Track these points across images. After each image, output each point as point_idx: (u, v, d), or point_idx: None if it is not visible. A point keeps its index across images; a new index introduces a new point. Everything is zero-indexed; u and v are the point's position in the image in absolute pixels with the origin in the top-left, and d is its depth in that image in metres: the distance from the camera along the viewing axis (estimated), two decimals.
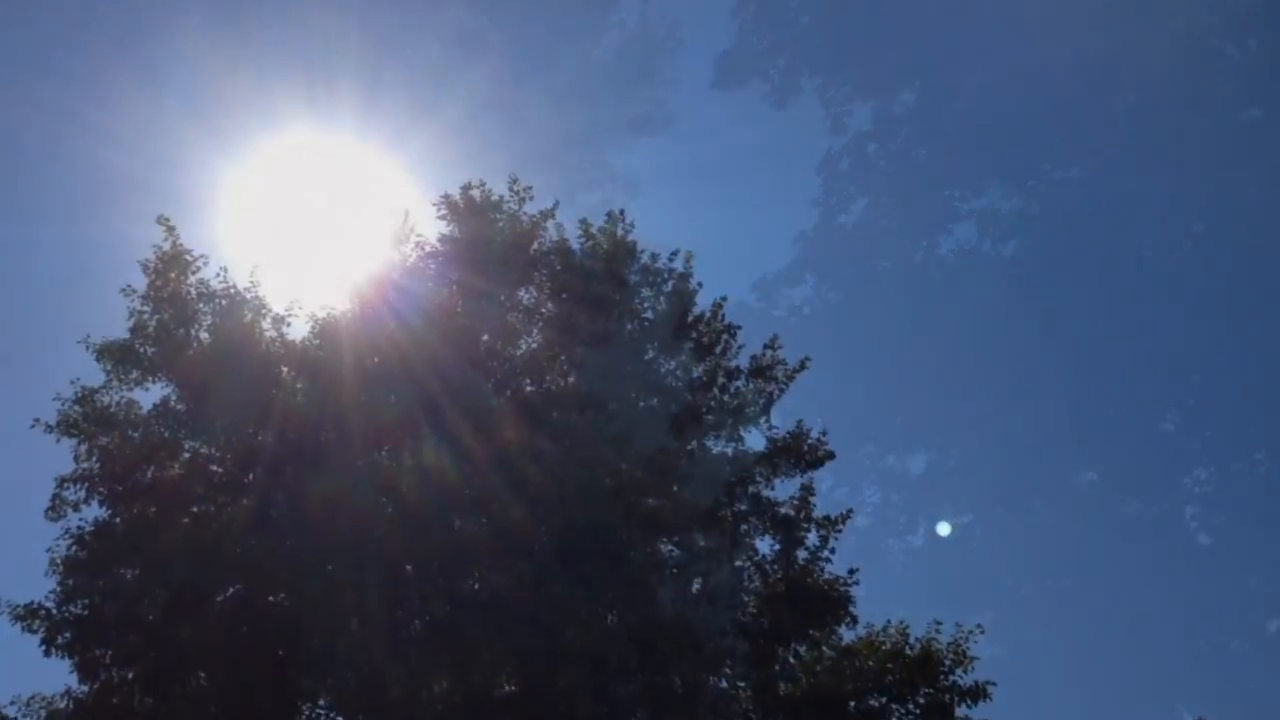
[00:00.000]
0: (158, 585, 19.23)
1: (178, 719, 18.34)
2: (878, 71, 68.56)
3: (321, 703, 19.61)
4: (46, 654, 18.85)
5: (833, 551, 21.73)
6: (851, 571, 21.43)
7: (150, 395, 21.36)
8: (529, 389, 22.18)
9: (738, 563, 21.43)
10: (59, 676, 20.42)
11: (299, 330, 21.93)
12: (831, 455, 22.53)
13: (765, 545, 22.15)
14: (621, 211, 23.74)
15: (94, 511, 20.27)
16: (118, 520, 20.09)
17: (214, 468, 20.78)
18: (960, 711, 21.43)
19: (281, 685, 18.89)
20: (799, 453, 22.44)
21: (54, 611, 19.09)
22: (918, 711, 21.32)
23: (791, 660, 21.64)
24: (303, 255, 24.54)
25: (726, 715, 20.55)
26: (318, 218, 25.54)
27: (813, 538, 22.03)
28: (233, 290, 21.70)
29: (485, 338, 22.49)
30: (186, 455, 20.83)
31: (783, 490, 22.71)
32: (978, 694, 21.44)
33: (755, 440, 22.92)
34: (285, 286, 22.45)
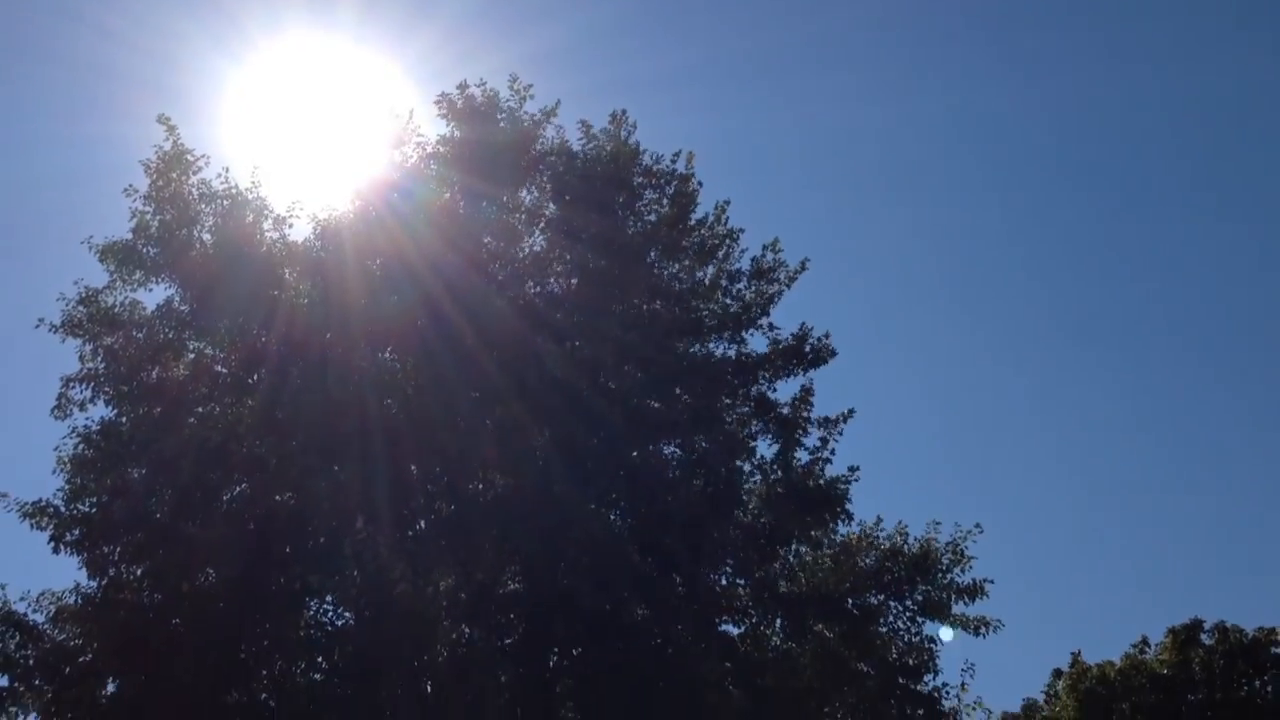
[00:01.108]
0: (165, 484, 19.42)
1: (185, 615, 18.61)
2: None
3: (328, 599, 19.89)
4: (55, 551, 19.10)
5: (833, 452, 21.84)
6: (851, 469, 21.55)
7: (154, 296, 21.42)
8: (531, 291, 22.17)
9: (739, 463, 21.51)
10: (68, 573, 20.72)
11: (300, 232, 21.90)
12: (834, 354, 22.51)
13: (766, 447, 22.24)
14: (624, 112, 23.47)
15: (100, 411, 20.46)
16: (124, 420, 20.23)
17: (219, 368, 20.88)
18: (957, 608, 21.74)
19: (288, 582, 19.16)
20: (801, 353, 22.42)
21: (62, 509, 19.32)
22: (915, 608, 21.61)
23: (791, 559, 21.86)
24: (303, 157, 24.36)
25: (726, 612, 20.84)
26: (318, 119, 25.29)
27: (814, 438, 22.12)
28: (234, 191, 21.60)
29: (487, 239, 22.41)
30: (191, 356, 20.93)
31: (785, 392, 22.78)
32: (975, 591, 21.72)
33: (758, 342, 22.92)
34: (286, 188, 22.36)
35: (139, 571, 19.31)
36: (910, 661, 21.53)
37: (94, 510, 19.42)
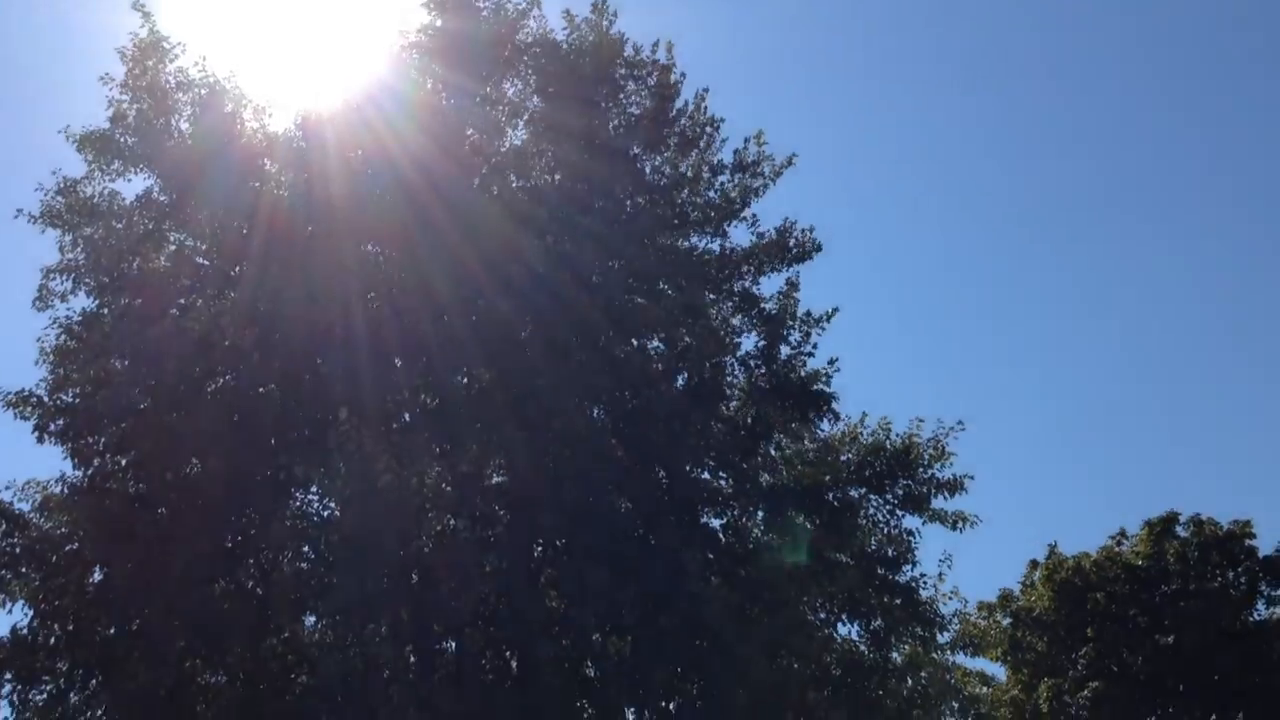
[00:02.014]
0: (148, 375, 19.44)
1: (171, 504, 18.76)
2: None
3: (313, 490, 20.07)
4: (40, 441, 19.19)
5: (815, 347, 21.92)
6: (831, 362, 21.66)
7: (133, 187, 21.24)
8: (514, 185, 22.01)
9: (722, 358, 21.59)
10: (53, 463, 20.86)
11: (280, 123, 21.62)
12: (819, 248, 22.47)
13: (750, 342, 22.31)
14: (604, 1, 23.03)
15: (81, 302, 20.41)
16: (105, 311, 20.19)
17: (200, 260, 20.79)
18: (937, 503, 22.03)
19: (274, 473, 19.30)
20: (785, 248, 22.38)
21: (46, 399, 19.36)
22: (895, 502, 21.91)
23: (773, 453, 22.08)
24: (281, 47, 23.93)
25: (709, 505, 21.10)
26: (296, 7, 24.79)
27: (797, 334, 22.17)
28: (212, 79, 21.28)
29: (469, 133, 22.18)
30: (172, 247, 20.82)
31: (769, 288, 22.79)
32: (955, 486, 22.00)
33: (741, 236, 22.85)
34: (265, 79, 22.05)
35: (124, 462, 19.41)
36: (889, 553, 21.91)
37: (77, 401, 19.46)
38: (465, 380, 20.56)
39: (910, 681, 21.86)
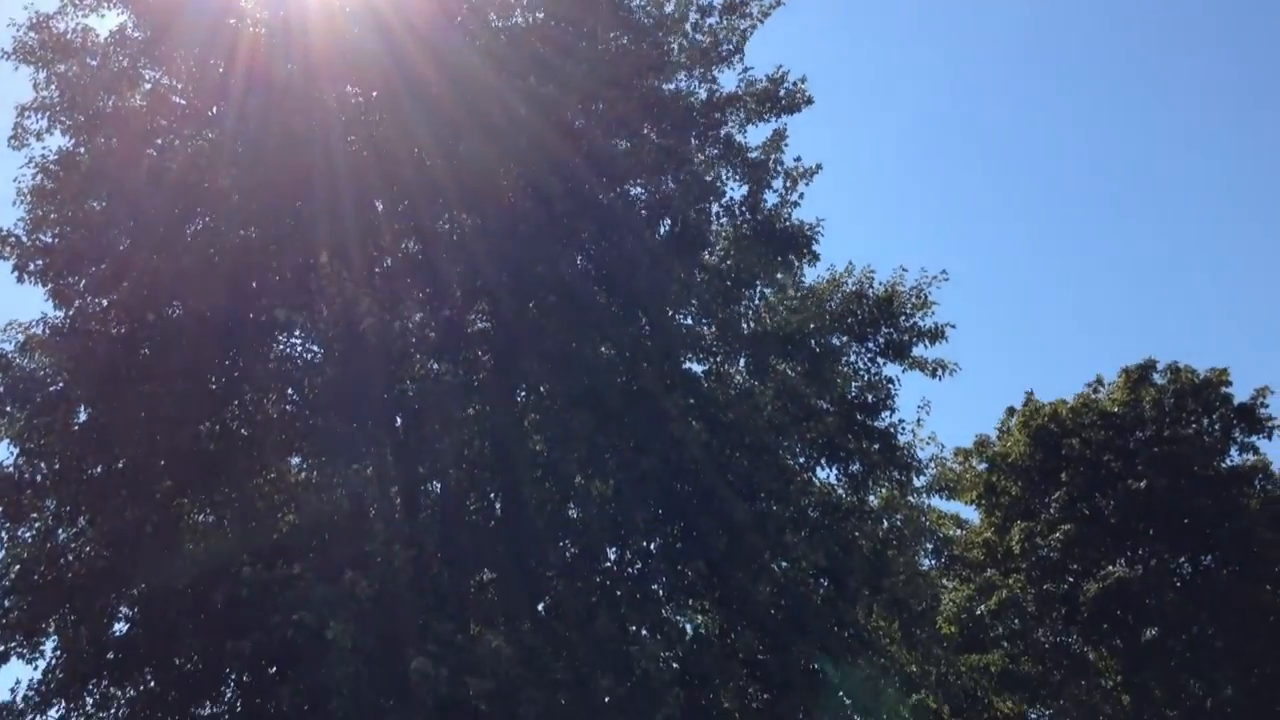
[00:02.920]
0: (127, 216, 19.26)
1: (154, 346, 18.77)
2: None
3: (297, 333, 20.09)
4: (19, 280, 19.10)
5: (801, 196, 21.81)
6: (818, 220, 21.61)
7: (107, 23, 20.72)
8: (495, 24, 21.49)
9: (707, 205, 21.45)
10: (34, 305, 20.81)
11: None
12: (810, 101, 22.15)
13: (736, 190, 22.16)
14: None
15: (58, 141, 20.09)
16: (82, 150, 19.88)
17: (176, 99, 20.38)
18: (917, 351, 22.24)
19: (256, 315, 19.26)
20: (775, 97, 22.04)
21: (24, 239, 19.20)
22: (876, 349, 22.10)
23: (756, 301, 22.14)
24: None
25: (691, 351, 21.22)
26: None
27: (783, 184, 22.04)
28: None
29: None
30: (148, 86, 20.38)
31: (756, 138, 22.56)
32: (936, 335, 22.19)
33: (729, 81, 22.50)
34: None
35: (105, 303, 19.34)
36: (869, 399, 22.20)
37: (57, 241, 19.30)
38: (448, 226, 20.42)
39: (886, 523, 22.43)
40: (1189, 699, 33.06)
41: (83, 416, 19.01)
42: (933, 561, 27.74)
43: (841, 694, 19.84)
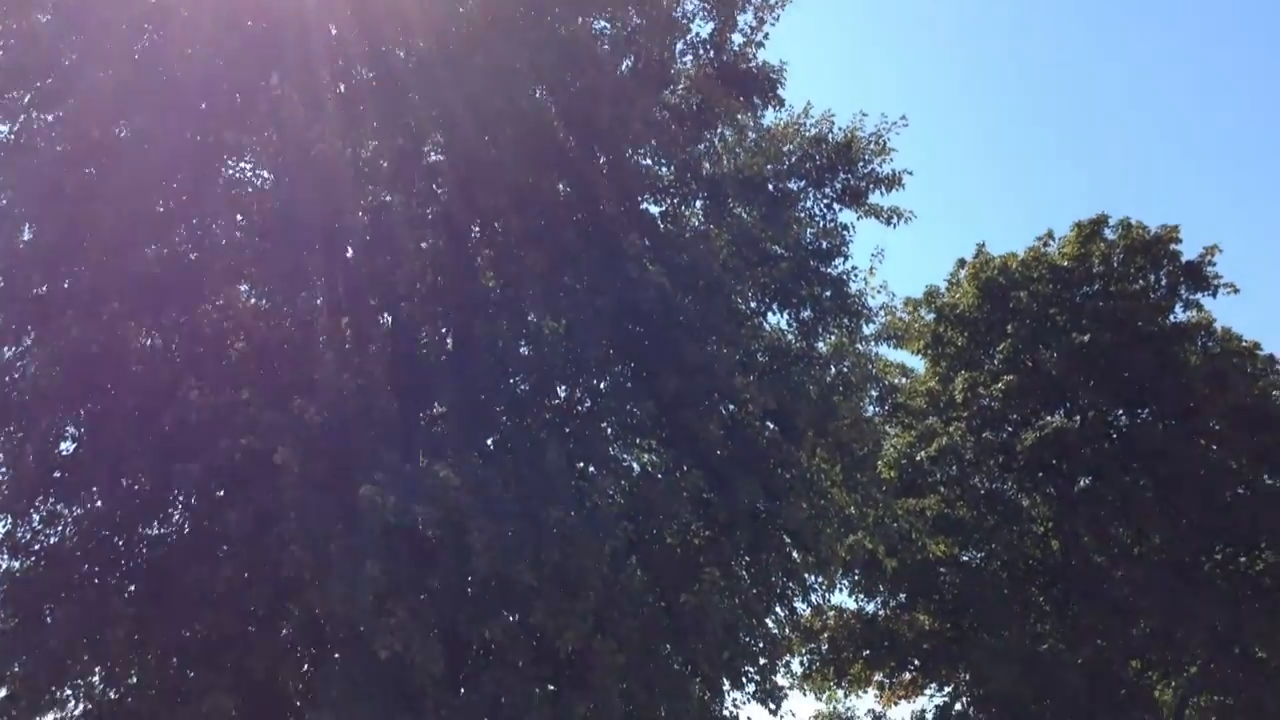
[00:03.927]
0: (71, 30, 18.52)
1: (100, 164, 18.29)
2: None
3: (247, 157, 19.68)
4: None
5: (766, 36, 21.39)
6: (782, 63, 21.26)
7: None
8: None
9: (671, 40, 21.00)
10: None
11: None
12: None
13: (701, 26, 21.67)
14: None
15: None
16: None
17: None
18: (874, 198, 22.21)
19: (204, 138, 18.79)
20: None
21: None
22: (833, 195, 22.06)
23: (716, 142, 21.90)
24: None
25: (649, 191, 21.02)
26: None
27: (750, 18, 21.57)
28: None
29: None
30: None
31: None
32: (893, 182, 22.16)
33: None
34: None
35: (50, 119, 18.78)
36: (823, 246, 22.23)
37: (1, 55, 18.59)
38: (404, 53, 19.86)
39: (834, 369, 22.66)
40: (1116, 546, 34.17)
41: (27, 235, 18.61)
42: (877, 408, 28.15)
43: (782, 533, 20.33)
